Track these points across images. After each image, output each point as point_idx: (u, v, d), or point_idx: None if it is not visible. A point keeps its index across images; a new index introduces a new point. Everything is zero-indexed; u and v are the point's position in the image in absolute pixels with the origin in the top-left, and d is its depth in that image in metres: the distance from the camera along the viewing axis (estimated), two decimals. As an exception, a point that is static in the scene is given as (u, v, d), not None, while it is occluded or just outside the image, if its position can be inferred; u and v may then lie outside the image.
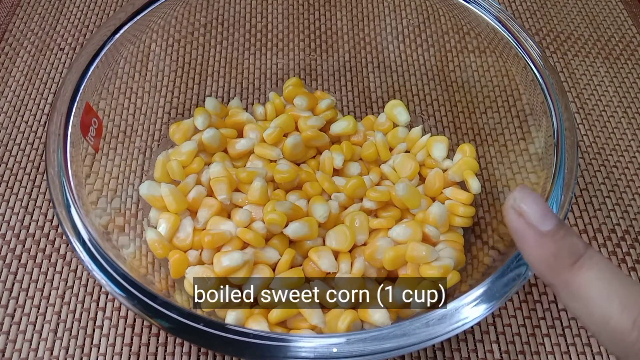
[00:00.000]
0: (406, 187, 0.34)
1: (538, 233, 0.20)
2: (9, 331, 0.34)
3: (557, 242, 0.20)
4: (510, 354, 0.34)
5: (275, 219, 0.32)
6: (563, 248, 0.20)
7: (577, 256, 0.20)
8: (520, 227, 0.21)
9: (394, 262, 0.31)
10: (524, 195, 0.21)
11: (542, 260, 0.20)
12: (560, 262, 0.20)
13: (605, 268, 0.20)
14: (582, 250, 0.20)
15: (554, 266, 0.20)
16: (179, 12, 0.38)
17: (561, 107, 0.30)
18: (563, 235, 0.20)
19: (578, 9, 0.52)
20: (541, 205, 0.21)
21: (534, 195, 0.21)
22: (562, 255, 0.20)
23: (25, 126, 0.42)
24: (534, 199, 0.21)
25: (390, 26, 0.43)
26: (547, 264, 0.20)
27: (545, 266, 0.20)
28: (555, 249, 0.20)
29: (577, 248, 0.20)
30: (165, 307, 0.24)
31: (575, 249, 0.20)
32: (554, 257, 0.20)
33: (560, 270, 0.20)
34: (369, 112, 0.44)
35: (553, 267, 0.20)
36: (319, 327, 0.30)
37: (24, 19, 0.49)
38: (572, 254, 0.20)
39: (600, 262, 0.20)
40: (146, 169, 0.37)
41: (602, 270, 0.19)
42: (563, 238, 0.20)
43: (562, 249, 0.20)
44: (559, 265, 0.20)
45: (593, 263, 0.20)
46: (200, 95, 0.42)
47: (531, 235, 0.20)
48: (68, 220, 0.27)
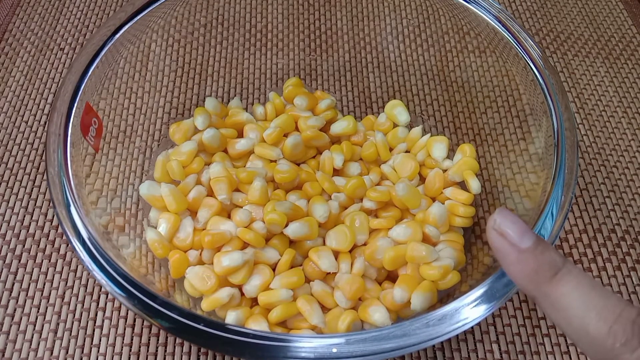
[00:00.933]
0: (406, 187, 0.34)
1: (518, 250, 0.22)
2: (9, 331, 0.34)
3: (536, 258, 0.21)
4: (510, 354, 0.34)
5: (275, 219, 0.32)
6: (542, 263, 0.21)
7: (556, 270, 0.21)
8: (502, 246, 0.22)
9: (394, 262, 0.31)
10: (503, 216, 0.22)
11: (524, 275, 0.22)
12: (540, 276, 0.21)
13: (582, 280, 0.21)
14: (560, 264, 0.21)
15: (534, 280, 0.21)
16: (179, 12, 0.38)
17: (561, 107, 0.30)
18: (542, 250, 0.21)
19: (578, 9, 0.52)
20: (519, 224, 0.22)
21: (512, 216, 0.22)
22: (542, 270, 0.21)
23: (25, 126, 0.42)
24: (512, 220, 0.22)
25: (390, 26, 0.43)
26: (529, 278, 0.22)
27: (527, 280, 0.22)
28: (535, 264, 0.21)
29: (555, 262, 0.21)
30: (165, 307, 0.24)
31: (554, 263, 0.21)
32: (534, 272, 0.21)
33: (541, 283, 0.21)
34: (369, 112, 0.44)
35: (534, 281, 0.21)
36: (319, 327, 0.30)
37: (24, 19, 0.49)
38: (551, 268, 0.21)
39: (578, 274, 0.21)
40: (146, 169, 0.37)
41: (579, 282, 0.21)
42: (542, 253, 0.21)
43: (541, 263, 0.21)
44: (540, 278, 0.21)
45: (571, 276, 0.21)
46: (200, 95, 0.42)
47: (512, 252, 0.22)
48: (68, 220, 0.27)
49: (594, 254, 0.38)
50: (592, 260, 0.38)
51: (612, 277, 0.37)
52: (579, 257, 0.38)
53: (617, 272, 0.37)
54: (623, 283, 0.37)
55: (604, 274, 0.37)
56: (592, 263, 0.38)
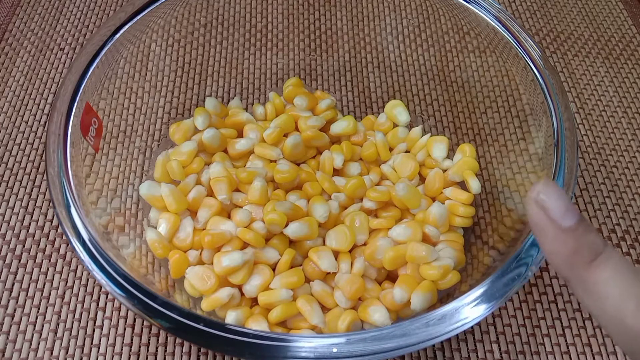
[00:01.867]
0: (406, 187, 0.34)
1: (558, 228, 0.20)
2: (9, 331, 0.34)
3: (576, 239, 0.20)
4: (510, 354, 0.34)
5: (275, 219, 0.32)
6: (582, 245, 0.20)
7: (596, 254, 0.20)
8: (541, 221, 0.21)
9: (394, 262, 0.31)
10: (548, 189, 0.21)
11: (561, 255, 0.21)
12: (578, 258, 0.20)
13: (623, 267, 0.20)
14: (600, 248, 0.20)
15: (571, 262, 0.20)
16: (179, 12, 0.38)
17: (561, 107, 0.30)
18: (583, 232, 0.20)
19: (578, 9, 0.52)
20: (564, 200, 0.21)
21: (558, 190, 0.21)
22: (581, 252, 0.20)
23: (25, 126, 0.42)
24: (557, 194, 0.21)
25: (390, 26, 0.43)
26: (566, 259, 0.20)
27: (563, 261, 0.21)
28: (575, 245, 0.20)
29: (596, 246, 0.20)
30: (165, 307, 0.24)
31: (594, 247, 0.20)
32: (572, 253, 0.20)
33: (578, 267, 0.20)
34: (369, 112, 0.44)
35: (571, 263, 0.20)
36: (319, 327, 0.30)
37: (24, 19, 0.49)
38: (590, 251, 0.20)
39: (618, 261, 0.20)
40: (146, 169, 0.37)
41: (619, 270, 0.20)
42: (583, 235, 0.20)
43: (581, 245, 0.20)
44: (577, 261, 0.20)
45: (611, 262, 0.20)
46: (200, 95, 0.42)
47: (551, 229, 0.20)
48: (68, 220, 0.27)
49: (594, 254, 0.38)
50: (592, 260, 0.38)
51: (612, 277, 0.37)
52: (579, 257, 0.38)
53: (617, 272, 0.37)
54: (623, 283, 0.37)
55: (604, 274, 0.37)
56: (592, 263, 0.38)
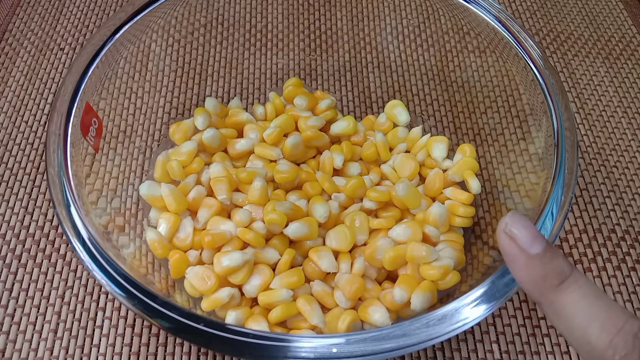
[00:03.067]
0: (406, 187, 0.34)
1: (527, 255, 0.22)
2: (9, 331, 0.34)
3: (544, 264, 0.21)
4: (510, 354, 0.34)
5: (275, 219, 0.32)
6: (550, 270, 0.21)
7: (563, 278, 0.21)
8: (511, 249, 0.22)
9: (394, 262, 0.31)
10: (515, 220, 0.22)
11: (530, 280, 0.22)
12: (547, 282, 0.21)
13: (588, 290, 0.21)
14: (567, 273, 0.21)
15: (541, 286, 0.21)
16: (179, 12, 0.38)
17: (561, 107, 0.30)
18: (550, 258, 0.21)
19: (578, 9, 0.52)
20: (530, 229, 0.22)
21: (524, 220, 0.22)
22: (549, 277, 0.21)
23: (25, 126, 0.42)
24: (523, 224, 0.22)
25: (390, 26, 0.43)
26: (535, 284, 0.22)
27: (533, 286, 0.22)
28: (543, 271, 0.21)
29: (563, 270, 0.21)
30: (165, 307, 0.25)
31: (562, 271, 0.21)
32: (541, 278, 0.21)
33: (547, 291, 0.21)
34: (369, 112, 0.44)
35: (540, 287, 0.21)
36: (319, 327, 0.30)
37: (24, 19, 0.49)
38: (558, 276, 0.21)
39: (584, 284, 0.21)
40: (146, 169, 0.37)
41: (585, 292, 0.21)
42: (550, 260, 0.21)
43: (548, 270, 0.21)
44: (546, 285, 0.21)
45: (577, 285, 0.21)
46: (200, 95, 0.42)
47: (521, 257, 0.22)
48: (68, 220, 0.27)
49: (594, 254, 0.38)
50: (592, 260, 0.38)
51: (612, 277, 0.37)
52: (579, 257, 0.38)
53: (617, 272, 0.37)
54: (623, 283, 0.37)
55: (604, 274, 0.37)
56: (592, 263, 0.38)
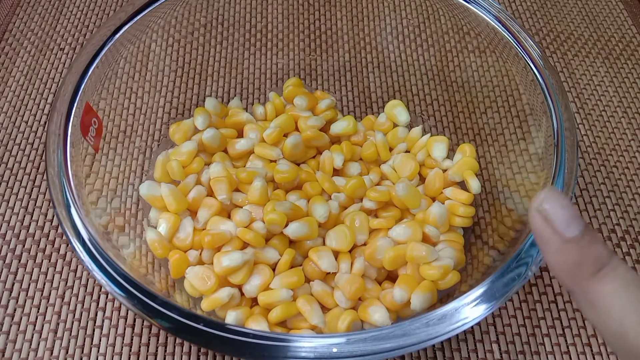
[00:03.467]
0: (406, 187, 0.34)
1: (562, 238, 0.20)
2: (9, 331, 0.34)
3: (581, 249, 0.19)
4: (510, 354, 0.34)
5: (275, 219, 0.32)
6: (587, 256, 0.19)
7: (601, 265, 0.19)
8: (545, 231, 0.20)
9: (394, 262, 0.31)
10: (552, 197, 0.20)
11: (564, 267, 0.20)
12: (582, 270, 0.19)
13: (628, 280, 0.19)
14: (606, 260, 0.19)
15: (575, 274, 0.19)
16: (179, 12, 0.38)
17: (561, 107, 0.30)
18: (588, 242, 0.19)
19: (578, 9, 0.52)
20: (568, 209, 0.20)
21: (562, 198, 0.20)
22: (585, 263, 0.19)
23: (25, 126, 0.42)
24: (561, 203, 0.20)
25: (390, 26, 0.43)
26: (569, 271, 0.20)
27: (567, 273, 0.20)
28: (579, 257, 0.19)
29: (601, 257, 0.19)
30: (165, 307, 0.25)
31: (599, 258, 0.19)
32: (576, 265, 0.19)
33: (582, 279, 0.19)
34: (369, 112, 0.44)
35: (574, 275, 0.20)
36: (319, 327, 0.30)
37: (24, 19, 0.49)
38: (595, 263, 0.19)
39: (624, 273, 0.19)
40: (146, 169, 0.37)
41: (624, 283, 0.19)
42: (588, 245, 0.19)
43: (585, 256, 0.19)
44: (581, 273, 0.19)
45: (616, 274, 0.19)
46: (200, 95, 0.42)
47: (555, 240, 0.20)
48: (68, 220, 0.27)
49: (594, 254, 0.38)
50: (592, 260, 0.38)
51: (612, 277, 0.37)
52: (579, 257, 0.38)
53: (617, 272, 0.37)
54: (623, 283, 0.37)
55: (604, 274, 0.37)
56: (592, 263, 0.38)
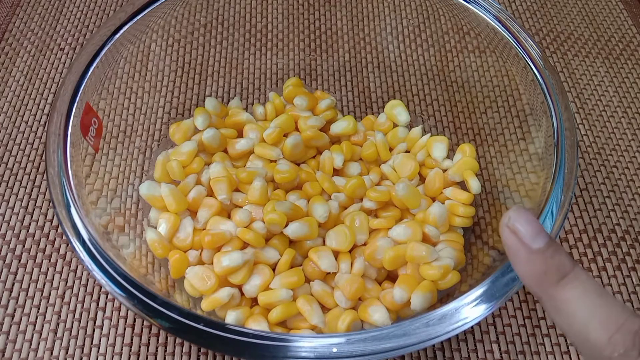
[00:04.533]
0: (406, 187, 0.34)
1: (529, 250, 0.22)
2: (9, 331, 0.34)
3: (546, 260, 0.21)
4: (510, 354, 0.34)
5: (275, 219, 0.32)
6: (551, 265, 0.21)
7: (564, 273, 0.21)
8: (513, 244, 0.22)
9: (394, 262, 0.31)
10: (518, 214, 0.22)
11: (532, 275, 0.22)
12: (548, 278, 0.21)
13: (589, 286, 0.21)
14: (569, 269, 0.21)
15: (541, 281, 0.21)
16: (179, 12, 0.38)
17: (561, 107, 0.30)
18: (552, 253, 0.21)
19: (578, 9, 0.52)
20: (533, 224, 0.22)
21: (527, 215, 0.22)
22: (550, 272, 0.21)
23: (25, 126, 0.42)
24: (526, 218, 0.22)
25: (390, 26, 0.43)
26: (536, 279, 0.22)
27: (534, 281, 0.22)
28: (544, 266, 0.21)
29: (564, 266, 0.21)
30: (165, 307, 0.25)
31: (563, 267, 0.21)
32: (542, 273, 0.21)
33: (548, 286, 0.21)
34: (369, 112, 0.44)
35: (541, 283, 0.21)
36: (319, 327, 0.30)
37: (24, 19, 0.49)
38: (559, 271, 0.21)
39: (585, 281, 0.21)
40: (146, 169, 0.37)
41: (586, 289, 0.21)
42: (552, 256, 0.21)
43: (550, 266, 0.21)
44: (547, 281, 0.21)
45: (579, 281, 0.21)
46: (200, 95, 0.42)
47: (522, 252, 0.22)
48: (68, 220, 0.27)
49: (594, 254, 0.38)
50: (592, 260, 0.38)
51: (612, 277, 0.37)
52: (579, 257, 0.38)
53: (617, 272, 0.37)
54: (623, 283, 0.37)
55: (604, 274, 0.37)
56: (592, 263, 0.38)
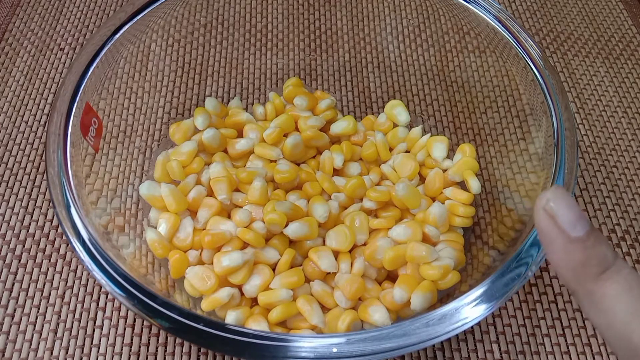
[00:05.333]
0: (406, 187, 0.34)
1: (567, 238, 0.19)
2: (9, 331, 0.34)
3: (586, 250, 0.19)
4: (510, 354, 0.34)
5: (275, 219, 0.32)
6: (592, 257, 0.19)
7: (605, 267, 0.19)
8: (550, 230, 0.20)
9: (394, 262, 0.31)
10: (558, 196, 0.20)
11: (569, 266, 0.20)
12: (586, 270, 0.19)
13: (632, 283, 0.19)
14: (610, 261, 0.19)
15: (579, 274, 0.19)
16: (179, 12, 0.38)
17: (561, 107, 0.30)
18: (593, 243, 0.19)
19: (578, 9, 0.52)
20: (574, 209, 0.20)
21: (569, 198, 0.20)
22: (590, 264, 0.19)
23: (25, 126, 0.42)
24: (568, 202, 0.20)
25: (390, 26, 0.43)
26: (573, 271, 0.20)
27: (571, 273, 0.20)
28: (584, 257, 0.19)
29: (606, 258, 0.19)
30: (165, 307, 0.25)
31: (604, 259, 0.19)
32: (581, 265, 0.19)
33: (586, 279, 0.19)
34: (369, 112, 0.44)
35: (578, 275, 0.19)
36: (319, 327, 0.30)
37: (24, 19, 0.49)
38: (600, 264, 0.19)
39: (628, 276, 0.19)
40: (146, 169, 0.37)
41: (629, 284, 0.19)
42: (593, 246, 0.19)
43: (590, 257, 0.19)
44: (585, 274, 0.19)
45: (621, 276, 0.19)
46: (200, 95, 0.42)
47: (560, 240, 0.20)
48: (68, 220, 0.27)
49: (594, 254, 0.38)
50: (592, 260, 0.38)
51: (612, 277, 0.37)
52: (579, 257, 0.38)
53: (617, 272, 0.37)
54: (623, 283, 0.37)
55: (604, 274, 0.37)
56: (592, 263, 0.38)
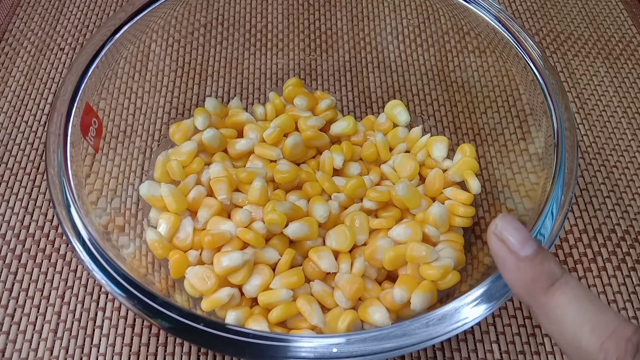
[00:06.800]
0: (406, 187, 0.34)
1: (517, 258, 0.22)
2: (9, 331, 0.34)
3: (534, 267, 0.21)
4: (510, 354, 0.34)
5: (275, 219, 0.32)
6: (540, 272, 0.21)
7: (553, 280, 0.21)
8: (501, 251, 0.22)
9: (394, 262, 0.31)
10: (506, 222, 0.22)
11: (521, 283, 0.22)
12: (537, 285, 0.21)
13: (579, 292, 0.21)
14: (558, 275, 0.21)
15: (531, 289, 0.21)
16: (179, 12, 0.38)
17: (561, 107, 0.30)
18: (541, 260, 0.21)
19: (578, 9, 0.52)
20: (522, 231, 0.22)
21: (515, 223, 0.22)
22: (539, 279, 0.21)
23: (25, 126, 0.42)
24: (514, 226, 0.22)
25: (390, 26, 0.43)
26: (525, 287, 0.21)
27: (524, 289, 0.22)
28: (533, 273, 0.21)
29: (553, 273, 0.21)
30: (165, 307, 0.25)
31: (552, 274, 0.21)
32: (531, 281, 0.21)
33: (537, 293, 0.21)
34: (369, 112, 0.44)
35: (530, 290, 0.21)
36: (319, 327, 0.30)
37: (24, 19, 0.49)
38: (548, 278, 0.21)
39: (575, 287, 0.21)
40: (146, 169, 0.37)
41: (576, 295, 0.20)
42: (541, 263, 0.21)
43: (539, 273, 0.21)
44: (536, 288, 0.21)
45: (568, 288, 0.21)
46: (200, 95, 0.42)
47: (511, 259, 0.22)
48: (68, 220, 0.27)
49: (594, 254, 0.38)
50: (592, 260, 0.38)
51: (612, 277, 0.37)
52: (579, 257, 0.38)
53: (617, 272, 0.37)
54: (623, 283, 0.37)
55: (604, 274, 0.37)
56: (592, 263, 0.38)
